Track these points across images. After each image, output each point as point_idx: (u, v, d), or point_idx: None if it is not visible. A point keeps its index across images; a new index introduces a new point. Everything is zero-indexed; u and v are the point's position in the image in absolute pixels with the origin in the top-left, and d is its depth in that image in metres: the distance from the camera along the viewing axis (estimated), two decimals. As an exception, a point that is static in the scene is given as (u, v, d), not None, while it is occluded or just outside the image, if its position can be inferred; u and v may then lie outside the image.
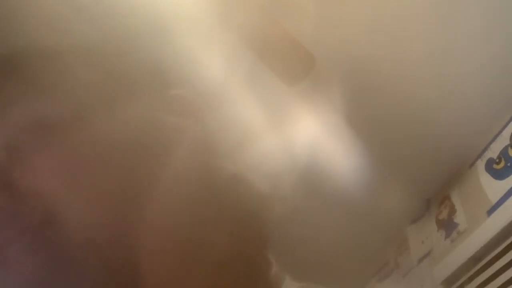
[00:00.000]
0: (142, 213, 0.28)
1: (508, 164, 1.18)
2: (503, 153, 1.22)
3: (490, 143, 1.29)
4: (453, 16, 1.04)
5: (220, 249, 0.30)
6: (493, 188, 1.21)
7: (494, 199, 1.18)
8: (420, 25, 1.05)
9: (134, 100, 0.28)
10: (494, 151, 1.26)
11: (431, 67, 1.15)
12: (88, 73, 0.28)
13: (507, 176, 1.17)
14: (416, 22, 1.05)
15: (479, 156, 1.32)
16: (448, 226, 1.41)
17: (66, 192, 0.26)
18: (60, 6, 0.27)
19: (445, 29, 1.08)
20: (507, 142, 1.22)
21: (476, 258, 1.21)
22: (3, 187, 0.26)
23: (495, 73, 1.18)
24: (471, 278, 1.22)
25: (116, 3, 0.29)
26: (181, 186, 0.29)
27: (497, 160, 1.24)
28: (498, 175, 1.21)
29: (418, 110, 1.25)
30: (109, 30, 0.28)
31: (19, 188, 0.26)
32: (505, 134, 1.24)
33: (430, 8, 1.02)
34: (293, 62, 0.76)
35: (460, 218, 1.35)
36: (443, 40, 1.08)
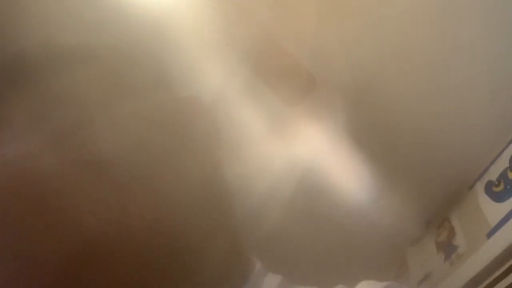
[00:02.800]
0: (142, 214, 0.28)
1: (508, 187, 1.18)
2: (503, 175, 1.22)
3: (490, 165, 1.29)
4: (458, 31, 1.05)
5: (220, 250, 0.30)
6: (492, 210, 1.20)
7: (493, 222, 1.18)
8: (423, 40, 1.06)
9: (133, 105, 0.29)
10: (493, 174, 1.26)
11: (432, 87, 1.16)
12: (89, 79, 0.29)
13: (507, 199, 1.17)
14: (419, 36, 1.06)
15: (479, 178, 1.32)
16: (447, 248, 1.40)
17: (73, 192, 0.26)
18: (61, 13, 0.28)
19: (447, 49, 1.09)
20: (507, 164, 1.22)
21: (475, 282, 1.20)
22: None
23: (495, 95, 1.19)
24: (470, 302, 1.21)
25: (118, 11, 0.29)
26: (182, 189, 0.29)
27: (497, 183, 1.24)
28: (498, 197, 1.21)
29: (418, 132, 1.26)
30: (110, 38, 0.29)
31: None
32: (505, 156, 1.24)
33: (435, 20, 1.03)
34: (292, 83, 0.76)
35: (459, 240, 1.34)
36: (446, 58, 1.09)
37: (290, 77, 0.81)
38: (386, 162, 1.30)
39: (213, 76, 0.30)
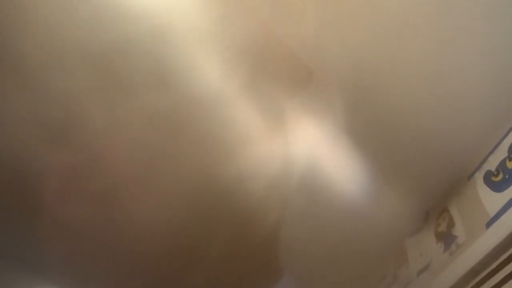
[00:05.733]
0: (143, 213, 0.28)
1: (506, 177, 1.19)
2: (501, 165, 1.22)
3: (488, 155, 1.29)
4: (453, 25, 1.05)
5: (221, 247, 0.30)
6: (492, 200, 1.21)
7: (492, 212, 1.18)
8: (419, 35, 1.06)
9: (134, 102, 0.29)
10: (492, 164, 1.26)
11: (430, 79, 1.16)
12: (87, 78, 0.29)
13: (505, 188, 1.17)
14: (416, 32, 1.06)
15: (478, 169, 1.32)
16: (447, 238, 1.40)
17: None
18: (62, 14, 0.28)
19: (445, 39, 1.09)
20: (505, 154, 1.22)
21: (475, 271, 1.20)
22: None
23: (493, 86, 1.18)
24: (470, 291, 1.21)
25: (119, 12, 0.29)
26: (182, 187, 0.29)
27: (495, 173, 1.24)
28: (496, 187, 1.21)
29: (417, 123, 1.26)
30: (108, 36, 0.29)
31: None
32: (503, 146, 1.24)
33: (430, 17, 1.03)
34: (290, 75, 0.76)
35: (459, 230, 1.35)
36: (442, 51, 1.09)
37: (287, 67, 0.81)
38: (384, 154, 1.30)
39: (213, 73, 0.30)
